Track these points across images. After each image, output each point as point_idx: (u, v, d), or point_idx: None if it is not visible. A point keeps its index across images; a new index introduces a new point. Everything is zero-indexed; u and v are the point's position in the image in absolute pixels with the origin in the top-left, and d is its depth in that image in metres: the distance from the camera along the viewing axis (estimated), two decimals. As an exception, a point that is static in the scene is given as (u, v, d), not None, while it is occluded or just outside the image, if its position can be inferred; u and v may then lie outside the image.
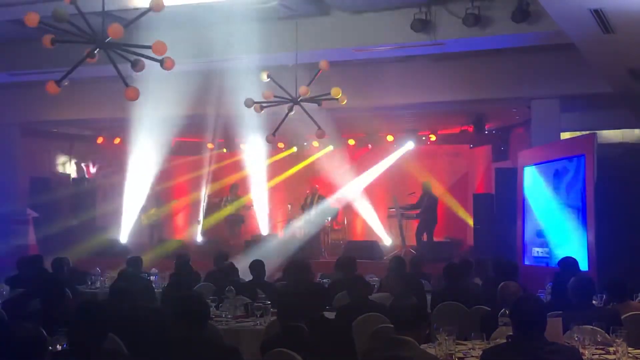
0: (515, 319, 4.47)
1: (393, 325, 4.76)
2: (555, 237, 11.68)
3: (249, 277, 9.35)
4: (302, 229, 17.06)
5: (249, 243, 16.00)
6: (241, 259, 13.38)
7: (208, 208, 18.56)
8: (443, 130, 18.23)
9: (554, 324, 4.97)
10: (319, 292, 6.58)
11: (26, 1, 9.28)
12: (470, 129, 17.26)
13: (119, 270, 9.11)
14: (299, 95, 9.75)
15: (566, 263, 8.31)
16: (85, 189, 18.42)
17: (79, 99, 14.94)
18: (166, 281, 9.62)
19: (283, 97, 9.84)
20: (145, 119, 15.61)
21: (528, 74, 12.97)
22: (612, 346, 5.24)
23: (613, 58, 10.17)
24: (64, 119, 16.28)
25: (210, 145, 19.45)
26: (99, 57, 6.76)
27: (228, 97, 12.58)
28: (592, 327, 5.43)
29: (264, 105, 9.95)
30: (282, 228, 17.89)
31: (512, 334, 4.54)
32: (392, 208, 16.59)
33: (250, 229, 18.61)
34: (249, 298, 7.74)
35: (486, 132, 17.27)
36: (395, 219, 16.40)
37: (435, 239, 15.90)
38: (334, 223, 17.36)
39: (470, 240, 16.09)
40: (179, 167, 19.59)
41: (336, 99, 9.50)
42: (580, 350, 5.03)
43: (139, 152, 18.17)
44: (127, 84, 6.54)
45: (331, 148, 18.67)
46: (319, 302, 6.13)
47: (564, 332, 5.30)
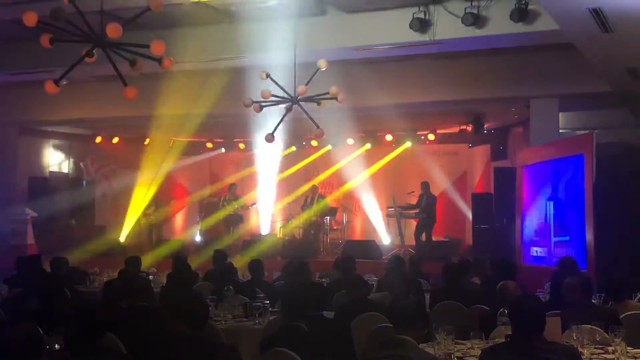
0: (514, 318, 4.47)
1: (392, 325, 4.75)
2: (553, 237, 11.68)
3: (247, 276, 9.35)
4: (301, 228, 17.07)
5: (247, 243, 16.00)
6: (240, 258, 13.42)
7: (207, 208, 18.55)
8: (442, 130, 18.23)
9: (553, 323, 4.96)
10: (318, 291, 6.58)
11: (24, 0, 9.28)
12: (469, 128, 17.25)
13: (118, 270, 9.11)
14: (297, 95, 9.75)
15: (565, 263, 8.31)
16: (84, 188, 18.40)
17: (78, 98, 14.96)
18: (164, 281, 9.61)
19: (282, 97, 9.84)
20: (146, 118, 15.63)
21: (527, 73, 12.97)
22: (611, 345, 5.24)
23: (612, 57, 10.17)
24: (63, 118, 16.25)
25: (210, 145, 19.46)
26: (97, 56, 6.76)
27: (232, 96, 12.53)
28: (591, 326, 5.43)
29: (263, 105, 9.94)
30: (282, 227, 17.87)
31: (510, 333, 4.54)
32: (390, 207, 16.59)
33: (250, 229, 18.62)
34: (248, 298, 7.73)
35: (485, 131, 17.27)
36: (394, 218, 16.40)
37: (434, 239, 15.91)
38: (332, 222, 17.36)
39: (469, 240, 16.09)
40: (181, 167, 19.56)
41: (335, 99, 9.50)
42: (579, 349, 5.02)
43: (140, 151, 18.23)
44: (126, 83, 6.54)
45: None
46: (319, 301, 6.13)
47: (563, 331, 5.30)
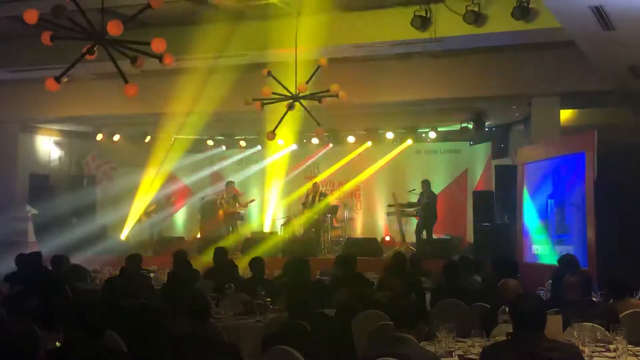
0: (515, 316, 4.46)
1: (393, 323, 4.75)
2: (554, 235, 11.67)
3: (248, 274, 9.35)
4: (302, 226, 17.06)
5: (248, 241, 16.00)
6: (240, 256, 13.43)
7: (207, 206, 18.55)
8: (443, 127, 18.21)
9: (554, 321, 4.96)
10: (320, 289, 6.59)
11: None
12: (470, 125, 17.23)
13: (120, 268, 9.12)
14: (298, 92, 9.75)
15: (566, 260, 8.31)
16: (85, 186, 18.40)
17: (79, 95, 14.95)
18: (165, 279, 9.62)
19: (283, 94, 9.84)
20: (148, 116, 15.64)
21: (528, 71, 12.95)
22: (612, 343, 5.23)
23: (613, 55, 10.16)
24: (64, 115, 16.25)
25: (211, 143, 19.45)
26: (98, 53, 6.75)
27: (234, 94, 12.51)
28: (592, 324, 5.43)
29: (264, 103, 9.94)
30: (283, 225, 17.87)
31: (511, 331, 4.53)
32: (391, 205, 16.58)
33: (251, 227, 18.63)
34: (249, 295, 7.73)
35: (486, 129, 17.23)
36: (395, 216, 16.39)
37: (434, 236, 15.91)
38: (334, 220, 17.35)
39: (470, 238, 16.09)
40: (182, 165, 19.55)
41: (336, 96, 9.49)
42: (580, 347, 5.02)
43: (141, 149, 18.23)
44: (127, 81, 6.53)
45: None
46: (320, 299, 6.14)
47: (564, 329, 5.29)
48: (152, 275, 10.09)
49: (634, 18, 8.30)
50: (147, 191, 18.34)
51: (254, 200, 18.41)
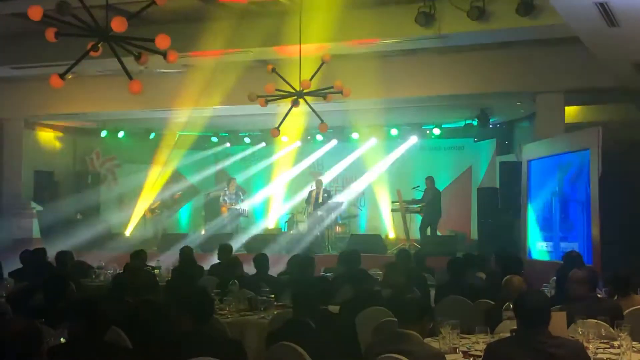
0: (519, 312, 4.46)
1: (397, 319, 4.76)
2: (559, 232, 11.66)
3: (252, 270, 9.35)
4: (306, 223, 17.06)
5: (252, 237, 16.01)
6: (245, 253, 13.42)
7: (211, 202, 18.56)
8: (447, 124, 18.20)
9: (558, 317, 4.96)
10: (324, 285, 6.59)
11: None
12: (475, 122, 17.21)
13: (124, 265, 9.12)
14: (302, 89, 9.73)
15: (570, 257, 8.30)
16: (89, 183, 18.43)
17: (83, 92, 14.97)
18: (169, 274, 9.63)
19: (287, 91, 9.83)
20: (152, 113, 15.66)
21: (533, 67, 12.92)
22: (616, 340, 5.23)
23: (618, 51, 10.14)
24: (68, 112, 16.26)
25: (215, 139, 19.46)
26: (102, 50, 6.74)
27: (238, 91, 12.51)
28: (596, 321, 5.43)
29: (269, 99, 9.93)
30: (287, 222, 17.88)
31: (516, 327, 4.53)
32: (396, 202, 16.58)
33: (255, 223, 18.63)
34: (253, 292, 7.73)
35: (490, 125, 17.22)
36: (399, 212, 16.39)
37: (439, 233, 15.90)
38: (338, 216, 17.32)
39: (474, 235, 16.08)
40: (186, 161, 19.56)
41: (340, 92, 9.48)
42: (585, 344, 5.01)
43: (146, 145, 18.25)
44: (131, 77, 6.53)
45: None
46: (324, 295, 6.13)
47: (568, 326, 5.29)
48: (156, 271, 10.08)
49: (638, 14, 8.29)
50: (151, 188, 18.37)
51: (257, 196, 18.43)
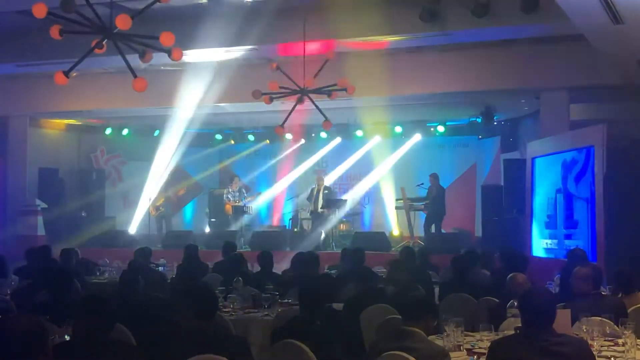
0: (523, 310, 4.46)
1: (401, 317, 4.76)
2: (563, 229, 11.65)
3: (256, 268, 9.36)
4: (310, 220, 17.06)
5: (256, 234, 16.02)
6: (249, 250, 13.42)
7: (215, 199, 18.57)
8: (452, 121, 18.18)
9: (563, 315, 4.95)
10: (329, 283, 6.59)
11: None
12: (479, 119, 17.20)
13: (128, 262, 9.13)
14: (306, 86, 9.75)
15: (575, 255, 8.29)
16: (94, 180, 18.45)
17: (88, 89, 14.99)
18: (174, 272, 9.64)
19: (291, 88, 9.84)
20: (156, 110, 15.67)
21: (537, 64, 12.90)
22: (620, 338, 5.22)
23: (622, 49, 10.12)
24: (73, 109, 16.28)
25: (219, 136, 19.47)
26: (107, 48, 6.76)
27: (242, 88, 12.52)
28: (600, 318, 5.42)
29: (273, 97, 9.94)
30: (291, 219, 17.87)
31: (520, 325, 4.53)
32: (400, 199, 16.57)
33: (259, 221, 18.64)
34: (257, 289, 7.74)
35: (495, 123, 17.21)
36: (404, 210, 16.38)
37: (443, 231, 15.89)
38: (342, 214, 17.31)
39: (479, 232, 16.07)
40: (191, 159, 19.56)
41: (344, 90, 9.49)
42: (589, 342, 5.01)
43: (150, 143, 18.25)
44: (135, 75, 6.54)
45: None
46: (329, 293, 6.13)
47: (572, 324, 5.28)
48: (160, 269, 10.10)
49: (643, 11, 8.28)
50: (155, 185, 18.38)
51: (260, 193, 18.43)
